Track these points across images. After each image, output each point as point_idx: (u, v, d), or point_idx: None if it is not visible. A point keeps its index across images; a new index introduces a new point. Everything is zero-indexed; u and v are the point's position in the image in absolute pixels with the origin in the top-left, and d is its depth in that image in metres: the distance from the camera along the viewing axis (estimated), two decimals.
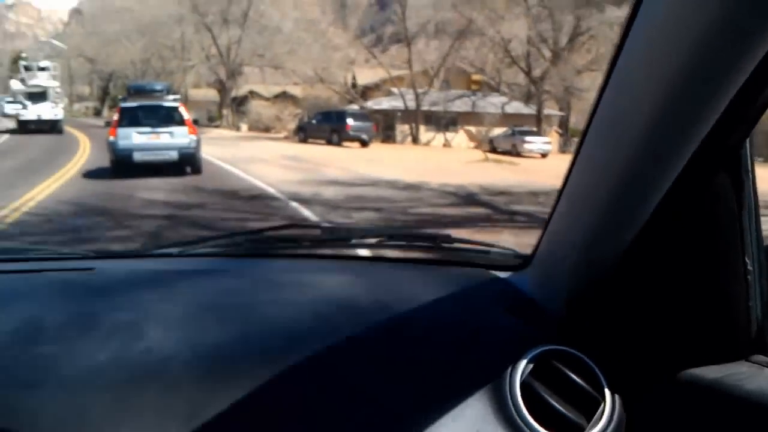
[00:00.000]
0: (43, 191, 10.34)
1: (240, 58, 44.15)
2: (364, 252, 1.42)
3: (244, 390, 0.84)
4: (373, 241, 1.41)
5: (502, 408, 0.84)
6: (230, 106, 44.46)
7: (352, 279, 1.19)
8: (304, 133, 29.10)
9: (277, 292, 1.11)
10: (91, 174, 13.53)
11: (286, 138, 32.13)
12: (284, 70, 42.55)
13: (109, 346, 0.89)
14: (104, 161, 13.89)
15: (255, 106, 42.52)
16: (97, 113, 64.16)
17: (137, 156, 13.11)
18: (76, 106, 73.29)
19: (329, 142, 26.77)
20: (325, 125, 27.67)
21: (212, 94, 47.83)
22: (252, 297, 1.08)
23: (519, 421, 0.83)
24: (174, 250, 1.35)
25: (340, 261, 1.39)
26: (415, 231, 1.39)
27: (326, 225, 1.61)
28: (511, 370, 0.87)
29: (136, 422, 0.81)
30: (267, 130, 37.79)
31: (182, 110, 13.94)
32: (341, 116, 27.54)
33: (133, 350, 0.89)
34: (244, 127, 40.43)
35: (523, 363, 0.87)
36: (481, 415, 0.84)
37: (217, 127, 42.20)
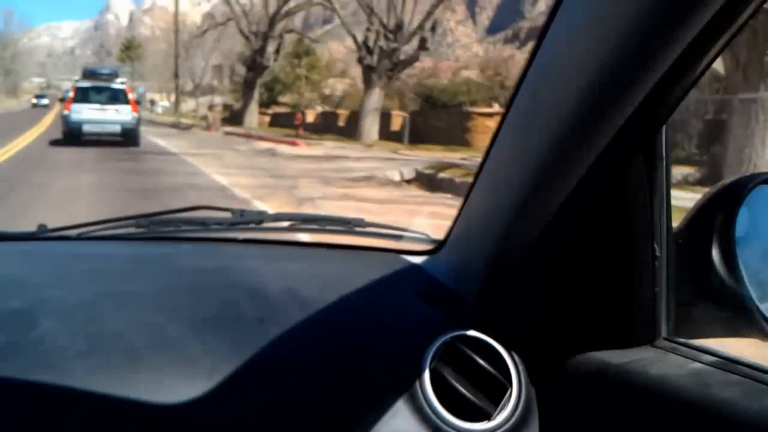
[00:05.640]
0: None
1: None
2: (275, 236, 1.38)
3: (144, 383, 0.79)
4: (285, 224, 1.36)
5: (412, 396, 0.83)
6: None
7: (262, 264, 1.15)
8: None
9: (180, 278, 1.05)
10: None
11: None
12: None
13: None
14: None
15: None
16: (235, 118, 31.19)
17: (86, 128, 15.94)
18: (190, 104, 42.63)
19: None
20: None
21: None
22: (154, 283, 1.02)
23: (427, 408, 0.82)
24: (72, 233, 1.27)
25: (250, 245, 1.34)
26: (329, 215, 1.36)
27: (237, 208, 1.52)
28: (420, 358, 0.85)
29: (26, 416, 0.75)
30: None
31: (127, 92, 16.98)
32: None
33: (25, 340, 0.83)
34: None
35: (432, 350, 0.86)
36: (393, 404, 0.82)
37: None
